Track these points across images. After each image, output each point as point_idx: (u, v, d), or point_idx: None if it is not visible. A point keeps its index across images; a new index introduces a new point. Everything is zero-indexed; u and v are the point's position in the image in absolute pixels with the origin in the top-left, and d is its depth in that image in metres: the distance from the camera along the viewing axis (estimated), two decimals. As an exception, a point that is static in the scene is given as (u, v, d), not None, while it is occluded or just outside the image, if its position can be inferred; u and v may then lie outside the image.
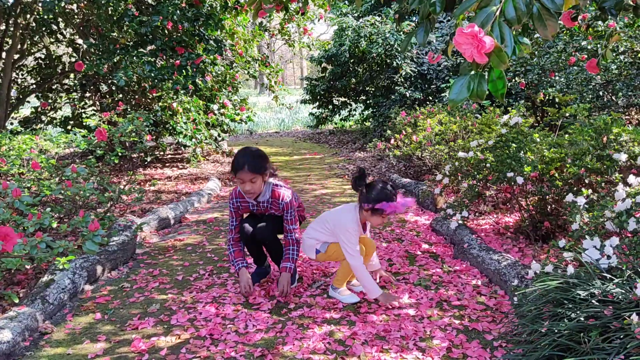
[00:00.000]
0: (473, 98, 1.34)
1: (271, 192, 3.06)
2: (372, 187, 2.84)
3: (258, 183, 2.95)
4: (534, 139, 3.60)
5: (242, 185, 2.95)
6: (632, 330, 1.75)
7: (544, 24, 1.33)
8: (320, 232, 3.00)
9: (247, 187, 2.94)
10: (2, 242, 1.93)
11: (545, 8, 1.31)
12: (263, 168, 2.94)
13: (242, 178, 2.92)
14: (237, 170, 2.91)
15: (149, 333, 2.67)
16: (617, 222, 2.41)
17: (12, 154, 3.56)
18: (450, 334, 2.55)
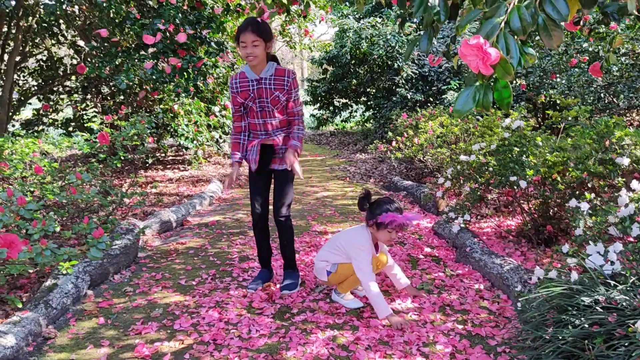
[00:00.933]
0: (479, 109, 1.34)
1: (275, 69, 3.01)
2: (375, 204, 2.87)
3: (260, 49, 2.90)
4: (537, 143, 3.60)
5: (244, 49, 2.89)
6: (636, 338, 1.75)
7: (550, 34, 1.33)
8: (331, 254, 3.00)
9: (249, 50, 2.88)
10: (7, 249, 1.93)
11: (550, 19, 1.31)
12: (266, 33, 2.91)
13: (245, 41, 2.87)
14: (240, 32, 2.89)
15: (153, 338, 2.67)
16: (621, 227, 2.42)
17: (15, 157, 3.56)
18: (453, 339, 2.56)
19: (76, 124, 8.16)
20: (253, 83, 3.02)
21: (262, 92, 3.01)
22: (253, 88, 3.02)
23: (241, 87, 3.04)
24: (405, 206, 5.40)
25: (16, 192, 2.28)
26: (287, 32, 8.35)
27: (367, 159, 8.50)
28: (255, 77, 3.01)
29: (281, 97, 3.01)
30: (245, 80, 3.04)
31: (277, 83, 3.00)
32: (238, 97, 3.05)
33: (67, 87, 8.30)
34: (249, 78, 3.03)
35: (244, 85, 3.04)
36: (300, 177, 3.00)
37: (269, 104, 3.02)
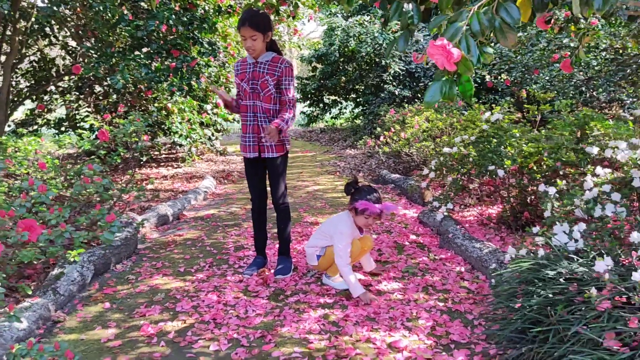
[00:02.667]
0: (445, 100, 1.56)
1: (273, 56, 3.25)
2: (357, 191, 3.10)
3: (258, 41, 3.14)
4: (514, 134, 3.83)
5: (244, 42, 3.16)
6: (592, 302, 1.98)
7: (505, 36, 1.54)
8: (319, 239, 3.23)
9: (248, 43, 3.14)
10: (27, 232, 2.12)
11: (505, 23, 1.53)
12: (263, 26, 3.14)
13: (244, 34, 3.14)
14: (239, 27, 3.15)
15: (156, 319, 2.87)
16: (585, 209, 2.65)
17: (19, 155, 3.74)
18: (434, 315, 2.78)
19: (69, 124, 8.31)
20: (250, 65, 3.27)
21: (256, 75, 3.24)
22: (250, 70, 3.27)
23: (241, 70, 3.31)
24: (392, 198, 5.62)
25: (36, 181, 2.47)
26: (276, 31, 8.53)
27: (357, 154, 8.72)
28: (253, 61, 3.26)
29: (270, 82, 3.21)
30: (245, 63, 3.31)
31: (270, 68, 3.23)
32: (237, 79, 3.30)
33: (60, 87, 8.45)
34: (248, 62, 3.29)
35: (243, 67, 3.30)
36: (273, 137, 3.12)
37: (258, 86, 3.24)
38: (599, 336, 1.87)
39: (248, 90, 3.26)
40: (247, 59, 3.31)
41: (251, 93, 3.26)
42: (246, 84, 3.25)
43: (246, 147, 3.33)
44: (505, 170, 3.70)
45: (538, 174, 3.70)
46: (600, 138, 3.51)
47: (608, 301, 1.97)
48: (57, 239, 2.29)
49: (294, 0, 5.16)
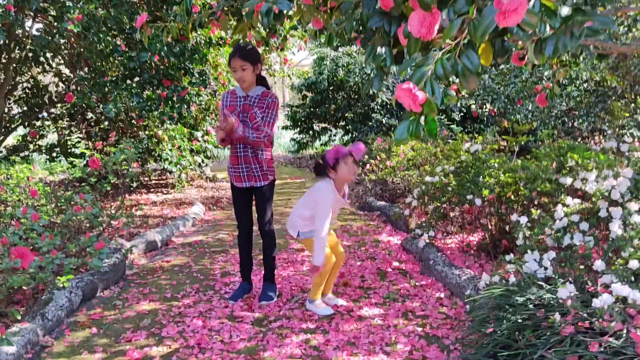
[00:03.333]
0: (412, 138, 1.69)
1: (262, 91, 3.40)
2: (322, 159, 3.22)
3: (248, 72, 3.29)
4: (491, 165, 3.98)
5: (235, 74, 3.30)
6: (556, 327, 2.09)
7: (467, 79, 1.68)
8: (304, 208, 3.28)
9: (239, 74, 3.28)
10: (20, 259, 2.21)
11: (466, 68, 1.67)
12: (253, 57, 3.29)
13: (234, 66, 3.28)
14: (230, 58, 3.30)
15: (142, 344, 2.94)
16: (555, 238, 2.78)
17: (11, 182, 3.83)
18: (412, 340, 2.87)
19: (61, 150, 8.39)
20: (241, 99, 3.41)
21: (246, 108, 3.39)
22: (240, 103, 3.40)
23: (230, 102, 3.43)
24: (378, 225, 5.74)
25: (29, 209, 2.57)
26: (267, 60, 8.74)
27: (345, 182, 8.85)
28: (243, 94, 3.40)
29: (258, 114, 3.36)
30: (235, 95, 3.44)
31: (259, 102, 3.38)
32: (225, 110, 3.41)
33: (53, 113, 8.56)
34: (238, 95, 3.43)
35: (233, 100, 3.42)
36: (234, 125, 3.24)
37: (248, 119, 3.38)
38: (561, 358, 1.98)
39: None
40: (237, 92, 3.43)
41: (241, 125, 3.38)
42: (235, 117, 3.37)
43: (240, 178, 3.45)
44: (483, 199, 3.83)
45: (515, 203, 3.83)
46: (576, 168, 3.66)
47: (572, 326, 2.08)
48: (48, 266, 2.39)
49: (282, 34, 5.33)
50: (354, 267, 4.19)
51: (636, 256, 2.26)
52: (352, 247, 4.82)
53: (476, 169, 3.94)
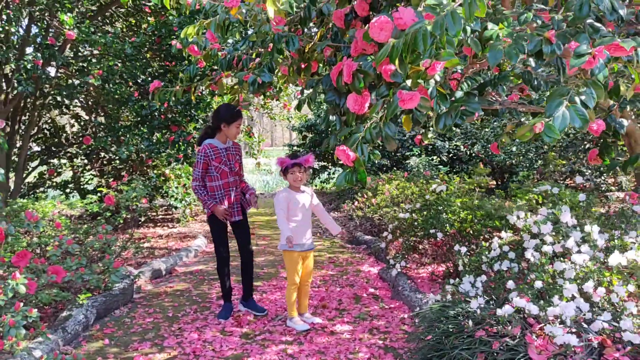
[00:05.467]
0: (348, 184, 2.31)
1: (232, 141, 4.17)
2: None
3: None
4: (451, 203, 4.59)
5: (237, 130, 4.07)
6: (470, 332, 2.67)
7: (389, 142, 2.31)
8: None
9: (238, 131, 4.09)
10: (55, 275, 2.83)
11: (387, 134, 2.30)
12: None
13: (239, 124, 4.07)
14: (237, 117, 4.04)
15: (147, 352, 3.52)
16: (488, 264, 3.37)
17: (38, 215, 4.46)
18: (372, 350, 3.44)
19: (74, 186, 9.08)
20: (223, 150, 4.09)
21: (230, 157, 4.12)
22: (224, 154, 4.09)
23: (215, 155, 4.06)
24: (362, 257, 6.32)
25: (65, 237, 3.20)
26: (268, 105, 9.48)
27: (339, 217, 9.45)
28: (223, 146, 4.08)
29: (238, 160, 4.18)
30: (217, 149, 4.08)
31: (236, 150, 4.19)
32: (213, 162, 4.04)
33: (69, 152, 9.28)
34: (219, 147, 4.08)
35: (217, 152, 4.07)
36: (257, 208, 4.20)
37: (234, 165, 4.11)
38: (472, 355, 2.56)
39: (226, 170, 4.07)
40: (216, 146, 4.07)
41: (229, 172, 4.08)
42: (224, 166, 4.07)
43: (233, 213, 4.10)
44: (445, 233, 4.43)
45: (474, 237, 4.42)
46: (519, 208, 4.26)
47: (483, 331, 2.66)
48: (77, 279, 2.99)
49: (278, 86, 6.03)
50: (334, 293, 4.76)
51: (540, 278, 2.84)
52: (335, 275, 5.40)
53: (437, 207, 4.55)
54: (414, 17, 2.00)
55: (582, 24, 2.03)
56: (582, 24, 2.03)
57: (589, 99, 1.88)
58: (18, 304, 2.58)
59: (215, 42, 3.41)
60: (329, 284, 5.09)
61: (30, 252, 2.73)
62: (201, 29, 2.96)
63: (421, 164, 9.48)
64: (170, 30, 6.05)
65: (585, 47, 1.88)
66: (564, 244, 2.84)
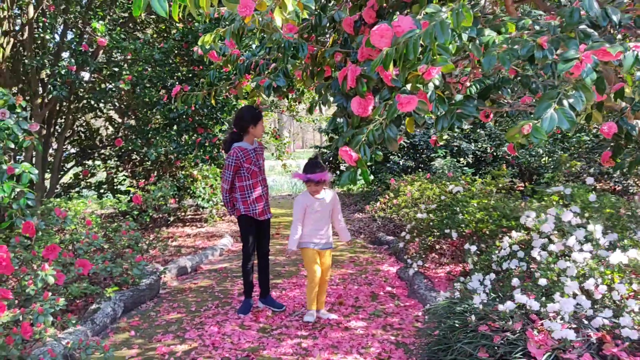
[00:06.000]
0: (352, 183, 2.44)
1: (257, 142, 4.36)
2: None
3: None
4: (466, 204, 4.66)
5: (262, 128, 4.30)
6: (473, 326, 2.76)
7: (390, 143, 2.43)
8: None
9: (263, 128, 4.33)
10: (82, 267, 3.03)
11: (389, 136, 2.41)
12: None
13: (262, 121, 4.30)
14: (260, 116, 4.28)
15: (169, 343, 3.71)
16: (497, 263, 3.44)
17: (71, 213, 4.71)
18: (384, 345, 3.55)
19: (108, 187, 9.41)
20: (252, 151, 4.24)
21: (258, 157, 4.28)
22: (253, 155, 4.24)
23: (245, 157, 4.21)
24: (384, 257, 6.41)
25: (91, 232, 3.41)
26: (294, 107, 9.65)
27: (363, 218, 9.55)
28: (251, 148, 4.23)
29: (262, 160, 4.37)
30: (246, 151, 4.22)
31: (261, 150, 4.35)
32: (244, 164, 4.19)
33: (102, 154, 9.63)
34: (248, 149, 4.22)
35: (247, 154, 4.22)
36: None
37: (261, 165, 4.27)
38: (474, 349, 2.65)
39: (256, 170, 4.23)
40: (245, 148, 4.22)
41: (258, 171, 4.24)
42: (254, 166, 4.23)
43: (264, 212, 4.28)
44: (460, 233, 4.50)
45: (489, 237, 4.48)
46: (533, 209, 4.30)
47: (486, 326, 2.75)
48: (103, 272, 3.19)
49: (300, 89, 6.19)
50: (351, 290, 4.88)
51: (545, 275, 2.91)
52: (355, 274, 5.52)
53: (453, 207, 4.63)
54: (411, 25, 2.12)
55: (574, 29, 2.11)
56: (573, 30, 2.11)
57: (577, 101, 1.96)
58: (46, 293, 2.78)
59: (234, 48, 3.57)
60: (347, 282, 5.21)
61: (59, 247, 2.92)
62: (217, 36, 3.12)
63: (446, 165, 9.50)
64: (196, 37, 6.27)
65: (574, 52, 1.96)
66: (565, 242, 2.91)
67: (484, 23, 2.56)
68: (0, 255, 2.55)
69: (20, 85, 6.80)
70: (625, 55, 1.95)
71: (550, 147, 8.47)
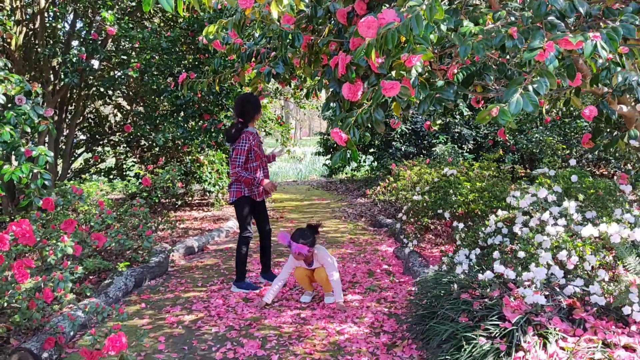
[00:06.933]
0: (343, 162, 2.67)
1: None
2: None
3: None
4: (456, 186, 4.88)
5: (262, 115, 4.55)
6: (455, 294, 3.00)
7: (378, 126, 2.66)
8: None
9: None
10: (97, 240, 3.30)
11: (376, 119, 2.64)
12: None
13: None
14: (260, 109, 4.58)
15: (177, 314, 3.98)
16: (483, 239, 3.68)
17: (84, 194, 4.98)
18: (377, 316, 3.80)
19: (117, 172, 9.69)
20: (257, 136, 4.51)
21: (260, 140, 4.57)
22: (258, 139, 4.54)
23: (254, 140, 4.50)
24: (383, 238, 6.66)
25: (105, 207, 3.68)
26: (297, 94, 9.87)
27: (365, 203, 9.80)
28: (256, 131, 4.49)
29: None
30: (255, 135, 4.53)
31: (258, 136, 4.59)
32: (254, 147, 4.45)
33: (112, 140, 9.90)
34: (255, 133, 4.49)
35: (256, 138, 4.52)
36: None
37: (262, 149, 4.55)
38: (455, 314, 2.90)
39: (260, 153, 4.50)
40: (254, 133, 4.50)
41: (261, 154, 4.51)
42: (259, 149, 4.49)
43: (261, 193, 4.52)
44: (453, 214, 4.73)
45: (480, 217, 4.71)
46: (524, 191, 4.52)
47: (467, 294, 2.99)
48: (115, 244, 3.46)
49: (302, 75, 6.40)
50: (349, 268, 5.13)
51: (523, 248, 3.15)
52: (354, 254, 5.78)
53: (446, 189, 4.86)
54: (395, 17, 2.34)
55: (541, 21, 2.32)
56: (541, 21, 2.32)
57: (540, 86, 2.19)
58: (66, 262, 3.05)
59: (236, 37, 3.80)
60: (346, 260, 5.47)
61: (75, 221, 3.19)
62: (220, 27, 3.35)
63: (447, 151, 9.71)
64: (202, 26, 6.48)
65: (538, 42, 2.18)
66: (540, 217, 3.14)
67: (465, 14, 2.78)
68: (24, 227, 2.81)
69: (33, 72, 7.05)
70: (585, 44, 2.16)
71: (548, 134, 8.65)
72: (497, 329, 2.66)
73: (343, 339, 3.41)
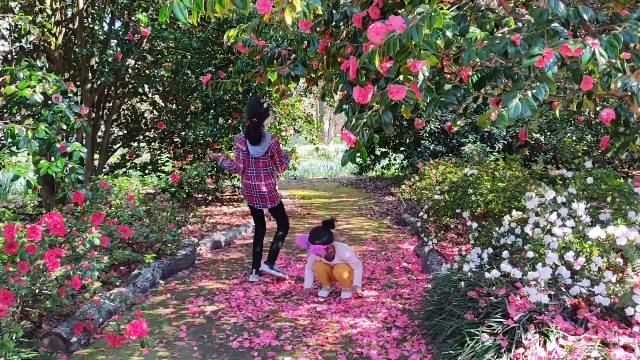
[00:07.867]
0: (352, 162, 2.79)
1: None
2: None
3: None
4: (476, 186, 4.93)
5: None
6: (463, 292, 3.08)
7: (387, 128, 2.76)
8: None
9: None
10: (123, 232, 3.50)
11: (385, 121, 2.75)
12: None
13: None
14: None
15: (200, 304, 4.17)
16: (496, 238, 3.74)
17: (115, 189, 5.23)
18: (391, 311, 3.91)
19: (152, 167, 10.01)
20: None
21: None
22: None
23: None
24: (406, 236, 6.73)
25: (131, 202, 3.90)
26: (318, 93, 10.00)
27: (392, 201, 9.86)
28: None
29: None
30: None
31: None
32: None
33: (147, 137, 10.22)
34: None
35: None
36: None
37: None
38: (461, 311, 2.98)
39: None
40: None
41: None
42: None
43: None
44: (472, 213, 4.79)
45: (498, 217, 4.75)
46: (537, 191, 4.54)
47: (474, 291, 3.07)
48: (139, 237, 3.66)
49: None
50: (369, 265, 5.24)
51: (533, 249, 3.20)
52: (375, 251, 5.88)
53: (464, 188, 4.91)
54: (402, 24, 2.44)
55: (544, 28, 2.38)
56: (543, 28, 2.38)
57: (539, 92, 2.25)
58: (93, 252, 3.26)
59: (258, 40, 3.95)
60: (366, 257, 5.58)
61: (104, 214, 3.40)
62: (240, 31, 3.51)
63: (475, 150, 9.69)
64: (231, 26, 6.67)
65: (538, 48, 2.25)
66: (547, 218, 3.19)
67: (474, 20, 2.85)
68: (55, 219, 3.03)
69: (72, 71, 7.36)
70: (584, 52, 2.22)
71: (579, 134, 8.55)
72: (499, 326, 2.74)
73: (355, 332, 3.52)
